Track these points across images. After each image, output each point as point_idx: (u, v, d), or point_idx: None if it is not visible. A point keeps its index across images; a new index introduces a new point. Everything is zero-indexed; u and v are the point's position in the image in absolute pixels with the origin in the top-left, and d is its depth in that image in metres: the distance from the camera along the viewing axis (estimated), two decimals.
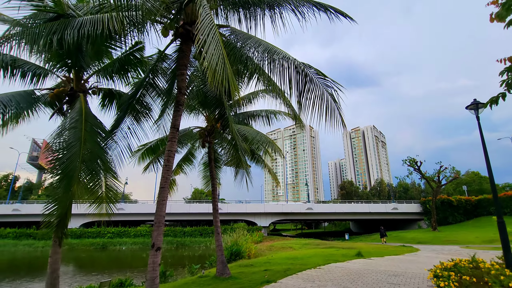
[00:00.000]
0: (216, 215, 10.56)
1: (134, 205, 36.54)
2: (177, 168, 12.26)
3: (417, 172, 34.37)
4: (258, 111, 12.16)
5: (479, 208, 38.37)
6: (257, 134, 10.20)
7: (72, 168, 5.58)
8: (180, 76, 6.47)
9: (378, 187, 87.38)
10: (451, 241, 24.51)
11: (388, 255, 14.54)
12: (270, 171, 12.68)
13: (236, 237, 18.74)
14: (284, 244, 24.38)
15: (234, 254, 15.18)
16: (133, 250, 31.28)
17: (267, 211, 37.46)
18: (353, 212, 39.88)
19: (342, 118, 5.24)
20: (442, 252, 15.88)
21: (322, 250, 17.18)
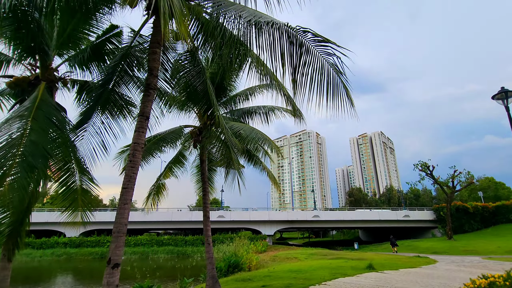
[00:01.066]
0: (206, 223, 9.37)
1: (134, 213, 35.51)
2: (167, 171, 11.17)
3: (429, 177, 32.57)
4: (255, 107, 11.06)
5: (497, 215, 36.14)
6: (252, 131, 9.08)
7: (11, 165, 4.51)
8: (152, 55, 5.42)
9: (387, 194, 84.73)
10: (470, 251, 22.65)
11: (403, 267, 13.04)
12: (269, 174, 11.48)
13: (235, 247, 17.41)
14: (289, 254, 22.90)
15: (232, 266, 13.88)
16: (131, 260, 30.12)
17: (271, 219, 35.97)
18: (362, 220, 38.04)
19: (348, 94, 4.08)
20: (463, 264, 14.26)
21: (329, 262, 15.72)
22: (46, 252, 31.25)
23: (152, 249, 32.63)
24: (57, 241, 32.89)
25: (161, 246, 33.52)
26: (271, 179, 11.38)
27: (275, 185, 11.50)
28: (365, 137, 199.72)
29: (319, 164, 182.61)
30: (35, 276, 22.30)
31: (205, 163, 10.26)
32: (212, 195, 12.93)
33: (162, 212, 36.57)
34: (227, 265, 13.75)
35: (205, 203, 9.69)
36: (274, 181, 11.42)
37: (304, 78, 4.46)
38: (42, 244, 32.54)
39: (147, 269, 20.16)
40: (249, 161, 11.79)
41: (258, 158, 11.64)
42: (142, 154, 9.29)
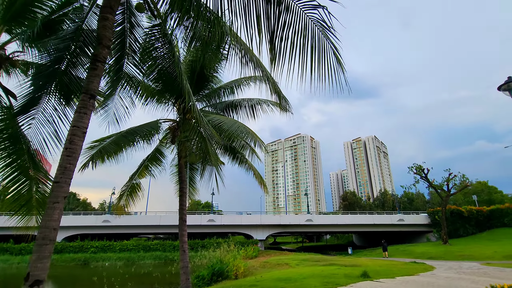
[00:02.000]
0: (182, 228, 8.35)
1: (121, 217, 34.07)
2: (143, 169, 10.12)
3: (424, 180, 31.96)
4: (239, 100, 10.13)
5: (492, 219, 35.70)
6: (234, 124, 8.14)
7: None
8: (102, 22, 4.46)
9: (381, 198, 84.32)
10: (467, 256, 21.93)
11: (400, 275, 12.14)
12: (255, 174, 10.53)
13: (221, 252, 16.33)
14: (280, 260, 21.84)
15: (216, 274, 12.79)
16: (116, 266, 28.68)
17: (263, 223, 34.89)
18: (356, 224, 37.22)
19: (338, 57, 3.17)
20: (462, 271, 13.44)
21: (321, 269, 14.74)
22: (25, 258, 29.54)
23: (139, 255, 31.21)
24: None
25: (148, 251, 32.11)
26: (258, 179, 10.42)
27: (263, 186, 10.54)
28: (359, 142, 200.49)
29: (313, 168, 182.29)
30: (13, 284, 20.79)
31: (183, 160, 9.26)
32: (194, 196, 11.92)
33: (150, 216, 35.22)
34: (211, 273, 12.65)
35: (182, 205, 8.67)
36: (261, 181, 10.47)
37: (284, 43, 3.56)
38: (22, 250, 30.85)
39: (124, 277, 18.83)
40: (234, 159, 10.83)
41: (243, 156, 10.69)
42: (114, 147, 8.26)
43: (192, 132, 7.24)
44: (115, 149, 8.69)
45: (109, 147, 7.87)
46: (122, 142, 8.16)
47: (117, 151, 8.86)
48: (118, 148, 8.62)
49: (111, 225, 33.27)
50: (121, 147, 8.60)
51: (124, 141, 8.23)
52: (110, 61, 6.81)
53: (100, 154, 7.94)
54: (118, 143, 8.11)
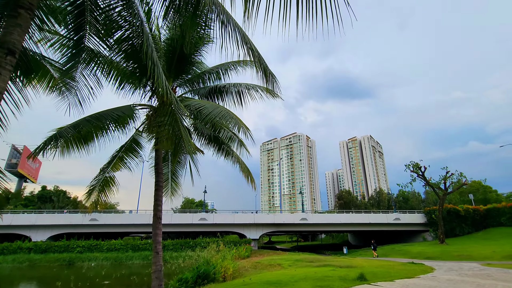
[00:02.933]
0: (157, 226, 7.35)
1: (110, 216, 32.90)
2: (117, 161, 9.08)
3: (421, 178, 31.32)
4: (225, 85, 9.13)
5: (488, 219, 35.26)
6: (215, 108, 7.14)
7: None
8: None
9: (377, 197, 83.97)
10: (465, 257, 21.26)
11: (399, 277, 11.30)
12: (241, 167, 9.57)
13: (209, 253, 15.35)
14: (272, 261, 20.93)
15: (201, 276, 11.80)
16: (103, 266, 27.49)
17: (257, 222, 33.95)
18: (352, 223, 36.48)
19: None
20: (464, 273, 12.64)
21: (315, 270, 13.85)
22: (7, 258, 28.25)
23: (127, 255, 30.04)
24: (21, 246, 29.88)
25: (137, 251, 30.97)
26: (245, 173, 9.46)
27: (250, 181, 9.58)
28: (354, 141, 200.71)
29: (309, 167, 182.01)
30: None
31: (160, 151, 8.26)
32: (177, 191, 10.90)
33: (140, 215, 34.06)
34: (195, 276, 11.65)
35: (157, 200, 7.66)
36: (248, 175, 9.51)
37: None
38: (4, 250, 29.48)
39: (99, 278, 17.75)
40: (219, 151, 9.85)
41: (229, 148, 9.71)
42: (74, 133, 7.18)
43: (167, 117, 6.25)
44: (77, 136, 7.64)
45: (67, 131, 6.80)
46: (85, 127, 7.10)
47: (84, 139, 7.81)
48: (80, 134, 7.57)
49: (99, 224, 32.07)
50: (88, 134, 7.55)
51: (88, 127, 7.18)
52: (66, 32, 5.78)
53: (56, 141, 6.86)
54: (80, 128, 7.05)
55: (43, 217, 32.07)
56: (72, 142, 7.53)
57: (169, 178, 10.75)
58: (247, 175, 9.46)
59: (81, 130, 7.02)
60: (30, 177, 70.35)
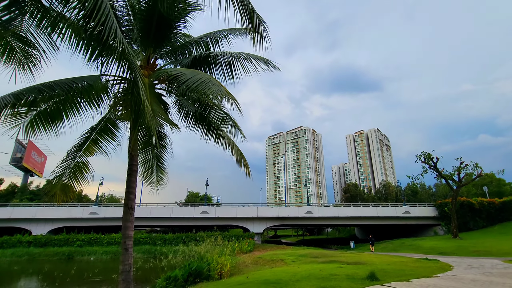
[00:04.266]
0: (128, 218, 6.18)
1: (110, 209, 32.20)
2: (90, 144, 7.91)
3: (432, 169, 29.64)
4: (211, 54, 7.79)
5: (504, 212, 33.46)
6: (195, 75, 5.83)
7: None
8: None
9: (383, 190, 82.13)
10: (483, 252, 19.75)
11: (415, 277, 9.97)
12: (233, 150, 8.30)
13: (204, 248, 14.26)
14: (275, 256, 19.83)
15: (193, 274, 10.68)
16: (102, 261, 26.86)
17: (260, 215, 32.85)
18: (359, 216, 35.09)
19: None
20: (488, 271, 11.25)
21: (319, 267, 12.61)
22: (6, 252, 27.81)
23: None
24: (20, 239, 29.41)
25: (137, 245, 30.22)
26: (237, 156, 8.19)
27: (244, 166, 8.32)
28: (361, 134, 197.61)
29: (315, 161, 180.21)
30: None
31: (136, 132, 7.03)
32: (162, 180, 9.72)
33: (139, 208, 33.27)
34: (186, 273, 10.53)
35: (129, 187, 6.46)
36: (241, 159, 8.24)
37: None
38: (3, 243, 29.05)
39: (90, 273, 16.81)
40: (208, 132, 8.59)
41: (219, 129, 8.45)
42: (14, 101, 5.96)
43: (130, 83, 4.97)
44: (43, 114, 6.46)
45: (6, 100, 5.56)
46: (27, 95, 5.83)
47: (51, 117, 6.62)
48: (47, 112, 6.38)
49: (99, 217, 31.41)
50: (54, 112, 6.36)
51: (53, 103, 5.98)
52: None
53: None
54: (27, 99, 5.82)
55: (42, 210, 31.54)
56: (38, 120, 6.37)
57: (154, 164, 9.57)
58: (240, 159, 8.19)
59: (28, 100, 5.79)
60: (35, 171, 70.56)
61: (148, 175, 9.54)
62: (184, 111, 8.35)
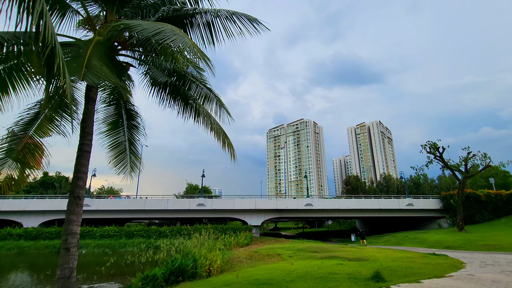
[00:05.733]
0: (72, 210, 4.88)
1: (102, 201, 31.17)
2: (44, 122, 6.62)
3: (438, 160, 28.30)
4: (187, 12, 6.39)
5: (511, 204, 32.21)
6: (153, 26, 4.49)
7: None
8: None
9: (384, 182, 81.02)
10: (492, 247, 18.57)
11: (425, 277, 8.77)
12: (214, 130, 6.98)
13: (191, 242, 13.11)
14: (271, 250, 18.74)
15: (175, 272, 9.51)
16: (94, 254, 25.94)
17: (258, 207, 31.76)
18: (360, 209, 33.96)
19: None
20: (507, 270, 10.02)
21: (318, 264, 11.44)
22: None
23: (120, 242, 28.40)
24: (10, 232, 28.52)
25: (131, 238, 29.33)
26: (217, 135, 6.88)
27: (227, 146, 7.03)
28: (363, 127, 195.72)
29: (316, 154, 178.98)
30: None
31: (92, 104, 5.73)
32: (137, 166, 8.46)
33: (134, 200, 32.26)
34: (168, 271, 9.37)
35: (78, 171, 5.17)
36: (225, 138, 6.94)
37: None
38: None
39: None
40: (186, 107, 7.28)
41: (197, 104, 7.12)
42: None
43: None
44: None
45: None
46: None
47: None
48: None
49: (91, 210, 30.42)
50: None
51: None
52: None
53: None
54: None
55: (33, 202, 30.57)
56: None
57: (127, 148, 8.30)
58: (223, 140, 6.89)
59: None
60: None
61: (120, 160, 8.28)
62: (156, 84, 7.03)
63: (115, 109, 7.76)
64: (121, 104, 7.82)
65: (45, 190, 61.09)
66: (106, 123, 7.81)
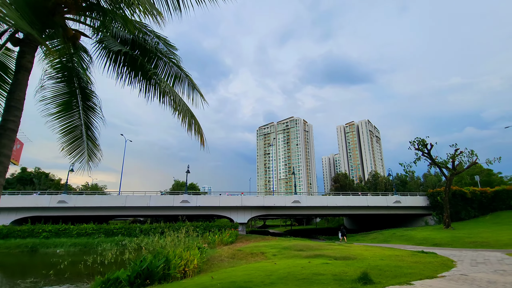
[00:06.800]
0: None
1: (80, 197, 29.58)
2: None
3: (426, 157, 28.13)
4: None
5: (495, 202, 32.50)
6: None
7: None
8: None
9: (373, 180, 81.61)
10: (480, 244, 18.31)
11: (416, 277, 8.08)
12: (176, 105, 5.97)
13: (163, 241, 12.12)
14: (256, 248, 17.89)
15: (143, 275, 8.49)
16: (70, 253, 24.45)
17: (244, 204, 30.86)
18: (348, 206, 33.56)
19: None
20: (500, 268, 9.47)
21: (302, 264, 10.64)
22: None
23: (99, 240, 26.95)
24: None
25: (110, 236, 27.94)
26: (184, 116, 5.88)
27: (196, 133, 6.05)
28: (352, 126, 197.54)
29: (305, 152, 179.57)
30: None
31: (27, 71, 4.65)
32: (96, 155, 7.41)
33: (114, 197, 30.79)
34: (134, 273, 8.34)
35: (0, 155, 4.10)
36: (191, 119, 5.96)
37: None
38: None
39: None
40: (147, 81, 6.26)
41: (155, 75, 6.12)
42: None
43: None
44: None
45: None
46: None
47: None
48: None
49: (68, 207, 28.81)
50: None
51: None
52: None
53: None
54: None
55: (4, 198, 28.66)
56: None
57: (83, 134, 7.21)
58: (190, 121, 5.90)
59: None
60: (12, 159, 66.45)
61: (75, 148, 7.18)
62: (111, 54, 5.96)
63: (67, 87, 6.65)
64: (74, 82, 6.72)
65: (23, 186, 58.33)
66: (56, 104, 6.68)
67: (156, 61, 6.82)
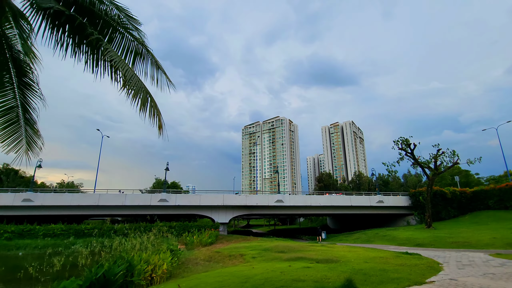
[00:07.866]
0: None
1: (48, 196, 27.48)
2: None
3: (409, 157, 28.11)
4: None
5: (474, 202, 33.12)
6: None
7: None
8: None
9: (357, 180, 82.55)
10: (462, 244, 18.17)
11: (404, 283, 7.37)
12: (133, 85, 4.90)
13: (128, 243, 10.94)
14: (235, 250, 16.91)
15: (99, 283, 7.32)
16: (34, 256, 22.50)
17: (226, 203, 29.78)
18: (332, 205, 33.20)
19: None
20: (488, 271, 8.97)
21: (282, 268, 9.77)
22: None
23: (68, 241, 25.11)
24: None
25: (80, 237, 26.14)
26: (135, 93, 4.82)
27: (153, 117, 5.02)
28: (336, 126, 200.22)
29: (290, 152, 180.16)
30: None
31: None
32: (37, 144, 6.21)
33: (87, 195, 28.87)
34: (87, 282, 7.16)
35: None
36: (146, 98, 4.91)
37: None
38: None
39: None
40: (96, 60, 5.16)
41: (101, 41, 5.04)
42: None
43: None
44: None
45: None
46: None
47: None
48: None
49: (35, 205, 26.67)
50: None
51: None
52: None
53: None
54: None
55: None
56: None
57: (20, 117, 5.99)
58: (144, 99, 4.85)
59: None
60: None
61: (11, 133, 5.94)
62: (43, 13, 4.81)
63: None
64: (6, 53, 5.50)
65: None
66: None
67: (111, 32, 5.71)
